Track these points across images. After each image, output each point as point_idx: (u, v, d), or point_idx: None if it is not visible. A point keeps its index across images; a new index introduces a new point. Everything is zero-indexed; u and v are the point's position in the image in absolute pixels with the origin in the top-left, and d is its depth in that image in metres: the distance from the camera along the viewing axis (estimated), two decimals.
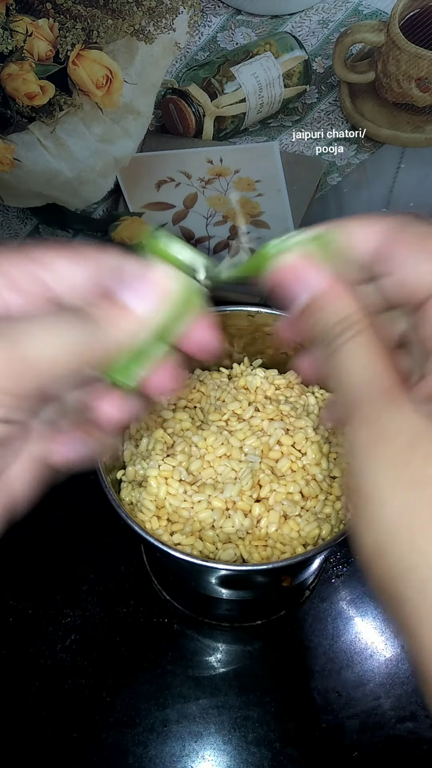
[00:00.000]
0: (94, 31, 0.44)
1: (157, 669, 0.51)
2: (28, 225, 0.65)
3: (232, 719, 0.49)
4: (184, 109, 0.65)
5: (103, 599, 0.53)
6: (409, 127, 0.68)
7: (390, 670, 0.51)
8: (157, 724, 0.49)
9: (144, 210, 0.64)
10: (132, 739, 0.48)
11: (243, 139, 0.71)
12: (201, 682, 0.51)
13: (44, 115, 0.47)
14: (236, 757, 0.48)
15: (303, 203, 0.64)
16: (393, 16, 0.61)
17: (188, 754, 0.48)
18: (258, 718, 0.49)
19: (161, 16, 0.46)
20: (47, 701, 0.50)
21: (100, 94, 0.46)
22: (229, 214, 0.64)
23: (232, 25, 0.73)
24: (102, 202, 0.65)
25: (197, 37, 0.73)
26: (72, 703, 0.50)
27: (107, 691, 0.50)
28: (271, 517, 0.41)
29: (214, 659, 0.52)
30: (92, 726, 0.49)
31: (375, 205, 0.68)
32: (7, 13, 0.42)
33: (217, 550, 0.41)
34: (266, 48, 0.67)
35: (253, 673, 0.51)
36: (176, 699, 0.50)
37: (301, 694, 0.50)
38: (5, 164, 0.46)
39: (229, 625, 0.53)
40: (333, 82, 0.72)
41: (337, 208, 0.68)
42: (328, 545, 0.38)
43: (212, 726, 0.49)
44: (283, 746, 0.48)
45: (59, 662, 0.51)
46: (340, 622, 0.53)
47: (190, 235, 0.64)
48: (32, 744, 0.48)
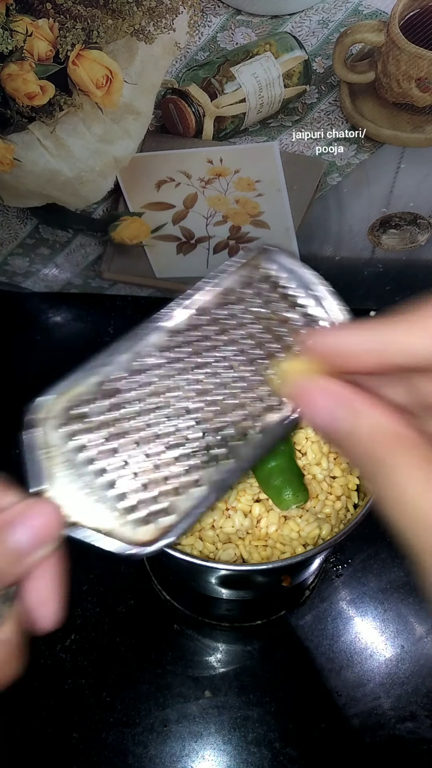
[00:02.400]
0: (94, 31, 0.44)
1: (157, 669, 0.51)
2: (28, 225, 0.65)
3: (232, 719, 0.49)
4: (184, 109, 0.65)
5: (103, 599, 0.53)
6: (409, 127, 0.68)
7: (390, 670, 0.51)
8: (157, 724, 0.49)
9: (144, 210, 0.64)
10: (132, 739, 0.48)
11: (243, 139, 0.71)
12: (201, 682, 0.51)
13: (44, 115, 0.47)
14: (236, 757, 0.48)
15: (303, 203, 0.64)
16: (393, 16, 0.61)
17: (188, 754, 0.48)
18: (258, 718, 0.49)
19: (161, 16, 0.46)
20: (47, 701, 0.50)
21: (100, 94, 0.46)
22: (230, 215, 0.64)
23: (232, 25, 0.73)
24: (102, 202, 0.65)
25: (197, 37, 0.73)
26: (72, 703, 0.50)
27: (107, 691, 0.50)
28: (271, 517, 0.41)
29: (214, 659, 0.52)
30: (92, 726, 0.49)
31: (375, 205, 0.68)
32: (7, 13, 0.42)
33: (217, 550, 0.41)
34: (266, 48, 0.67)
35: (253, 673, 0.51)
36: (176, 699, 0.50)
37: (301, 694, 0.50)
38: (5, 164, 0.46)
39: (229, 625, 0.53)
40: (333, 82, 0.72)
41: (337, 208, 0.68)
42: (328, 545, 0.38)
43: (212, 726, 0.49)
44: (283, 746, 0.48)
45: (59, 662, 0.51)
46: (340, 622, 0.53)
47: (190, 235, 0.64)
48: (32, 744, 0.48)
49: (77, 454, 0.25)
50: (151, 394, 0.26)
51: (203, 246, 0.64)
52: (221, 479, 0.25)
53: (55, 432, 0.25)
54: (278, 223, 0.63)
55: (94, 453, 0.25)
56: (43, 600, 0.22)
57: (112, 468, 0.25)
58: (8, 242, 0.65)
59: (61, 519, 0.23)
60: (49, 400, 0.25)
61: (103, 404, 0.25)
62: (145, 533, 0.24)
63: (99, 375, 0.26)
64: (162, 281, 0.69)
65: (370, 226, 0.67)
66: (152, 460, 0.25)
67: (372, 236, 0.68)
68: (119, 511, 0.24)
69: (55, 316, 0.72)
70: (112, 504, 0.24)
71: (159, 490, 0.25)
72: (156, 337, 0.27)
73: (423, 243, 0.68)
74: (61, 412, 0.25)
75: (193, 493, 0.25)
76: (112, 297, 0.71)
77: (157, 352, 0.27)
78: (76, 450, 0.25)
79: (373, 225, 0.67)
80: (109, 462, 0.25)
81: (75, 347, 0.69)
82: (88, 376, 0.26)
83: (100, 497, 0.24)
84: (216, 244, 0.64)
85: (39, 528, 0.22)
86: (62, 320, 0.71)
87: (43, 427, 0.25)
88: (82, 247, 0.67)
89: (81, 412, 0.25)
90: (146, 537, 0.24)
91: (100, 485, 0.24)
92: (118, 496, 0.24)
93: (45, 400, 0.25)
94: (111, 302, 0.71)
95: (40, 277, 0.70)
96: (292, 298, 0.28)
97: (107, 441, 0.25)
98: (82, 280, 0.70)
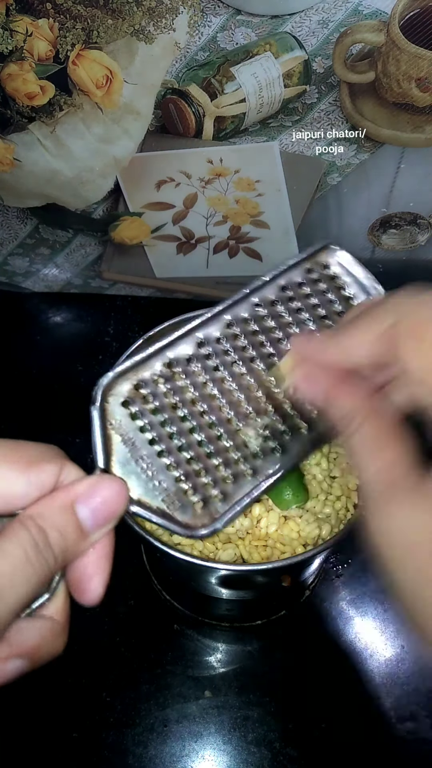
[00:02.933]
0: (94, 31, 0.44)
1: (157, 669, 0.51)
2: (28, 225, 0.65)
3: (232, 719, 0.49)
4: (184, 109, 0.65)
5: (103, 599, 0.53)
6: (409, 127, 0.68)
7: (390, 670, 0.51)
8: (157, 724, 0.49)
9: (144, 210, 0.64)
10: (132, 739, 0.48)
11: (243, 139, 0.71)
12: (201, 682, 0.51)
13: (44, 115, 0.47)
14: (236, 757, 0.48)
15: (303, 203, 0.64)
16: (393, 16, 0.61)
17: (188, 754, 0.48)
18: (258, 718, 0.49)
19: (161, 16, 0.46)
20: (47, 701, 0.50)
21: (100, 94, 0.46)
22: (230, 215, 0.64)
23: (232, 25, 0.73)
24: (102, 202, 0.65)
25: (197, 37, 0.73)
26: (72, 703, 0.50)
27: (107, 691, 0.50)
28: (271, 517, 0.41)
29: (214, 659, 0.52)
30: (92, 726, 0.49)
31: (375, 205, 0.68)
32: (7, 13, 0.42)
33: (217, 550, 0.41)
34: (266, 48, 0.67)
35: (253, 673, 0.51)
36: (176, 699, 0.50)
37: (301, 694, 0.50)
38: (5, 164, 0.46)
39: (229, 625, 0.53)
40: (333, 82, 0.72)
41: (337, 208, 0.68)
42: (328, 545, 0.38)
43: (212, 726, 0.49)
44: (283, 746, 0.48)
45: (59, 662, 0.51)
46: (340, 622, 0.53)
47: (190, 235, 0.64)
48: (32, 744, 0.48)
49: (139, 434, 0.25)
50: (209, 380, 0.27)
51: (203, 246, 0.64)
52: (271, 472, 0.26)
53: (119, 409, 0.25)
54: (278, 223, 0.63)
55: (156, 434, 0.25)
56: (90, 574, 0.23)
57: (172, 451, 0.25)
58: (8, 242, 0.65)
59: (127, 495, 0.23)
60: (115, 376, 0.26)
61: (165, 387, 0.26)
62: (199, 517, 0.25)
63: (163, 358, 0.27)
64: (162, 281, 0.69)
65: (370, 226, 0.67)
66: (207, 447, 0.26)
67: (372, 236, 0.68)
68: (176, 493, 0.25)
69: (55, 316, 0.72)
70: (171, 486, 0.25)
71: (214, 477, 0.25)
72: (216, 326, 0.28)
73: (423, 243, 0.68)
74: (126, 390, 0.26)
75: (244, 482, 0.25)
76: (112, 297, 0.71)
77: (216, 339, 0.28)
78: (138, 430, 0.25)
79: (373, 225, 0.67)
80: (168, 445, 0.25)
81: (75, 347, 0.69)
82: (152, 358, 0.26)
83: (159, 478, 0.25)
84: (216, 244, 0.64)
85: (108, 503, 0.22)
86: (62, 320, 0.71)
87: (109, 404, 0.25)
88: (82, 247, 0.67)
89: (144, 392, 0.26)
90: (200, 521, 0.25)
91: (160, 467, 0.25)
92: (176, 479, 0.25)
93: (111, 376, 0.26)
94: (111, 302, 0.71)
95: (40, 277, 0.70)
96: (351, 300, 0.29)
97: (168, 424, 0.26)
98: (82, 280, 0.70)
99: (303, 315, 0.28)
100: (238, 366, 0.27)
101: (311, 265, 0.29)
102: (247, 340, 0.28)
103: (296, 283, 0.29)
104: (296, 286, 0.29)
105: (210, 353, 0.27)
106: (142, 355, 0.26)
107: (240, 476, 0.26)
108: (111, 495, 0.22)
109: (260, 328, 0.28)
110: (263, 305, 0.28)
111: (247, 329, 0.28)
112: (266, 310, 0.28)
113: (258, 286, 0.28)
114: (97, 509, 0.22)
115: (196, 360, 0.27)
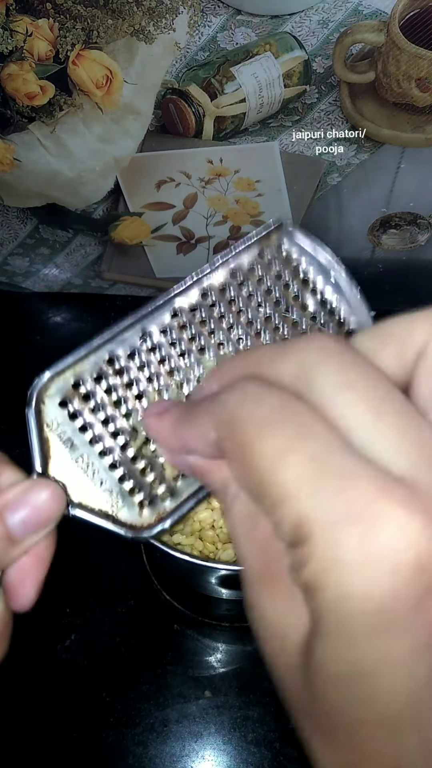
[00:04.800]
0: (94, 31, 0.44)
1: (157, 669, 0.51)
2: (28, 225, 0.65)
3: (232, 719, 0.49)
4: (184, 109, 0.65)
5: (103, 599, 0.53)
6: (409, 127, 0.68)
7: None
8: (157, 724, 0.49)
9: (144, 210, 0.64)
10: (132, 739, 0.48)
11: (243, 139, 0.71)
12: (201, 682, 0.51)
13: (44, 115, 0.47)
14: (236, 757, 0.48)
15: (303, 203, 0.64)
16: (393, 16, 0.61)
17: (188, 754, 0.48)
18: (258, 718, 0.49)
19: (161, 16, 0.46)
20: (47, 701, 0.50)
21: (100, 94, 0.46)
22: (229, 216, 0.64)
23: (232, 25, 0.73)
24: (102, 202, 0.65)
25: (197, 37, 0.73)
26: (72, 703, 0.50)
27: (107, 691, 0.50)
28: None
29: (214, 659, 0.52)
30: (92, 726, 0.49)
31: (375, 205, 0.68)
32: (7, 13, 0.42)
33: (217, 550, 0.41)
34: (266, 48, 0.67)
35: (253, 673, 0.51)
36: (176, 699, 0.50)
37: None
38: (5, 164, 0.46)
39: (229, 625, 0.53)
40: (333, 82, 0.72)
41: (337, 208, 0.68)
42: None
43: (212, 726, 0.49)
44: (283, 746, 0.48)
45: (59, 662, 0.51)
46: None
47: (190, 235, 0.64)
48: (32, 744, 0.48)
49: (78, 433, 0.24)
50: (154, 375, 0.25)
51: (203, 246, 0.64)
52: None
53: (56, 410, 0.24)
54: None
55: (96, 433, 0.24)
56: (22, 579, 0.22)
57: (114, 450, 0.24)
58: (8, 242, 0.66)
59: (63, 500, 0.22)
60: (52, 376, 0.24)
61: (105, 384, 0.25)
62: (144, 517, 0.23)
63: (103, 353, 0.25)
64: (162, 281, 0.69)
65: (370, 226, 0.67)
66: (153, 444, 0.24)
67: (372, 236, 0.68)
68: (120, 493, 0.23)
69: (55, 316, 0.72)
70: (113, 486, 0.23)
71: (159, 474, 0.24)
72: (162, 316, 0.26)
73: (423, 243, 0.68)
74: (63, 389, 0.24)
75: (193, 479, 0.24)
76: (112, 297, 0.71)
77: (161, 330, 0.26)
78: (78, 429, 0.24)
79: (373, 225, 0.67)
80: (110, 443, 0.24)
81: (75, 347, 0.69)
82: (92, 353, 0.25)
83: (100, 478, 0.23)
84: (216, 244, 0.64)
85: (40, 509, 0.21)
86: (62, 320, 0.71)
87: (45, 405, 0.24)
88: (82, 247, 0.67)
89: (83, 390, 0.25)
90: (146, 521, 0.23)
91: (101, 467, 0.24)
92: (119, 478, 0.24)
93: (47, 376, 0.24)
94: (111, 302, 0.71)
95: (40, 277, 0.70)
96: (310, 283, 0.26)
97: (109, 422, 0.24)
98: (82, 280, 0.70)
99: (254, 300, 0.26)
100: (186, 358, 0.25)
101: (263, 246, 0.27)
102: (194, 330, 0.26)
103: (247, 267, 0.26)
104: (247, 271, 0.26)
105: (154, 346, 0.25)
106: (82, 352, 0.25)
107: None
108: (43, 500, 0.21)
109: (208, 317, 0.26)
110: (211, 293, 0.26)
111: (194, 319, 0.26)
112: (215, 298, 0.26)
113: (206, 273, 0.26)
114: (27, 516, 0.21)
115: (138, 354, 0.25)
